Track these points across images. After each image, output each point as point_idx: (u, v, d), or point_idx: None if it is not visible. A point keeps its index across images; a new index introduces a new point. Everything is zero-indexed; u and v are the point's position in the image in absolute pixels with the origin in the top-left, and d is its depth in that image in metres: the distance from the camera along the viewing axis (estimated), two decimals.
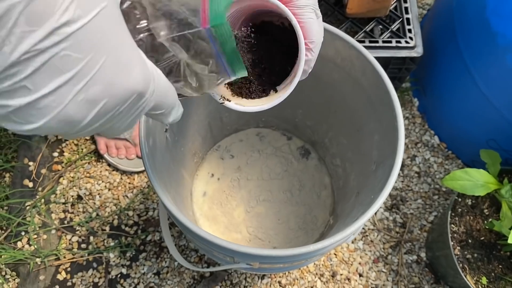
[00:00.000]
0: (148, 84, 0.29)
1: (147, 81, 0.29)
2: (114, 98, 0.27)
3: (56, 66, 0.24)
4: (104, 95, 0.27)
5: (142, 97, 0.29)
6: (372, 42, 0.85)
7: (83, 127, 0.28)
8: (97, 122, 0.28)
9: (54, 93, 0.25)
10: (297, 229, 0.89)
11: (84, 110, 0.26)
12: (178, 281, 0.94)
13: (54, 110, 0.25)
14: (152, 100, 0.30)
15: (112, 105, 0.28)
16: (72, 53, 0.24)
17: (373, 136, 0.66)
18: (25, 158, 1.02)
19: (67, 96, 0.25)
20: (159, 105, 0.32)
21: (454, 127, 0.98)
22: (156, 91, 0.30)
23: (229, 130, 0.93)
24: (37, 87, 0.24)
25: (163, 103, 0.32)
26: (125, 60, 0.27)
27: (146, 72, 0.29)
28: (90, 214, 0.99)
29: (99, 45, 0.25)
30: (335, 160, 0.86)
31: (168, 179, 0.69)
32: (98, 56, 0.25)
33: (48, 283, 0.93)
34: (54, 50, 0.24)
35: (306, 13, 0.43)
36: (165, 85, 0.32)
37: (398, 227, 0.99)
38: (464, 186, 0.77)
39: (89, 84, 0.25)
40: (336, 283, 0.94)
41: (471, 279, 0.81)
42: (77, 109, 0.26)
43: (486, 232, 0.84)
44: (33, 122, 0.25)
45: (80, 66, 0.25)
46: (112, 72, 0.26)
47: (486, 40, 0.78)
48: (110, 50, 0.26)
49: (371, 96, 0.64)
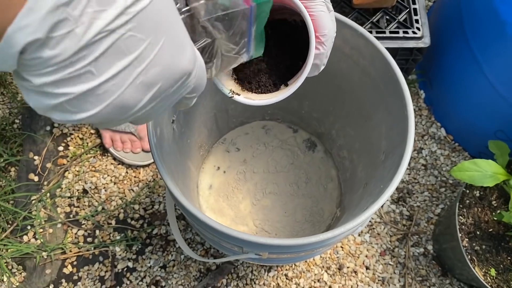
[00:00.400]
0: (194, 65, 0.29)
1: (194, 62, 0.28)
2: (168, 80, 0.27)
3: (121, 48, 0.23)
4: (160, 77, 0.26)
5: (189, 77, 0.29)
6: (379, 32, 0.84)
7: (134, 112, 0.27)
8: (148, 105, 0.27)
9: (115, 77, 0.24)
10: (304, 221, 0.88)
11: (140, 94, 0.26)
12: (185, 274, 0.93)
13: (112, 95, 0.24)
14: (193, 82, 0.30)
15: (166, 87, 0.27)
16: (136, 33, 0.23)
17: (381, 125, 0.66)
18: (30, 152, 1.02)
19: (127, 79, 0.24)
20: (196, 87, 0.31)
21: (461, 118, 0.98)
22: (198, 72, 0.30)
23: (234, 122, 0.92)
24: (101, 71, 0.23)
25: (200, 85, 0.32)
26: (180, 41, 0.26)
27: (194, 52, 0.28)
28: (95, 208, 0.99)
29: (159, 25, 0.24)
30: (342, 152, 0.86)
31: (175, 170, 0.68)
32: (159, 36, 0.25)
33: (54, 277, 0.93)
34: (121, 31, 0.23)
35: (317, 5, 0.43)
36: (204, 66, 0.31)
37: (405, 220, 0.98)
38: (472, 177, 0.77)
39: (149, 66, 0.25)
40: (343, 276, 0.93)
41: (479, 270, 0.81)
42: (134, 93, 0.25)
43: (495, 223, 0.84)
44: (89, 109, 0.24)
45: (142, 47, 0.24)
46: (170, 53, 0.26)
47: (495, 30, 0.77)
48: (168, 30, 0.25)
49: (380, 85, 0.63)
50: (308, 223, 0.88)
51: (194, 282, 0.93)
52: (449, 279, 0.94)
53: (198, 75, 0.30)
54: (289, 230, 0.87)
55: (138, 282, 0.93)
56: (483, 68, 0.83)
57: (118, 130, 0.98)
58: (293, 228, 0.88)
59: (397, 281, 0.93)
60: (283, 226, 0.88)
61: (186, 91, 0.30)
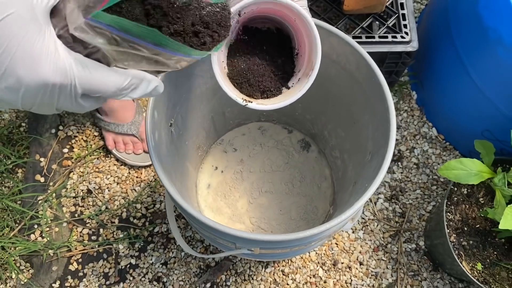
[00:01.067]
0: (65, 75, 0.33)
1: (61, 72, 0.33)
2: (29, 88, 0.32)
3: None
4: (19, 85, 0.32)
5: (64, 85, 0.34)
6: (368, 37, 0.88)
7: (24, 106, 0.34)
8: (32, 104, 0.34)
9: None
10: (299, 219, 0.92)
11: (11, 95, 0.33)
12: (185, 271, 0.97)
13: None
14: (79, 87, 0.34)
15: (32, 94, 0.33)
16: None
17: (368, 127, 0.69)
18: (36, 154, 1.06)
19: None
20: (93, 89, 0.36)
21: (451, 119, 1.01)
22: (81, 78, 0.34)
23: (231, 124, 0.96)
24: None
25: (98, 87, 0.36)
26: (33, 56, 0.32)
27: (58, 64, 0.33)
28: (99, 207, 1.03)
29: (7, 42, 0.31)
30: (335, 152, 0.89)
31: (173, 171, 0.72)
32: (7, 51, 0.31)
33: (60, 274, 0.98)
34: None
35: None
36: (94, 72, 0.35)
37: (397, 217, 1.02)
38: (458, 176, 0.80)
39: (5, 75, 0.31)
40: (337, 271, 0.97)
41: (466, 265, 0.84)
42: (6, 95, 0.32)
43: (482, 220, 0.87)
44: None
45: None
46: (21, 66, 0.31)
47: (479, 34, 0.80)
48: (17, 47, 0.31)
49: (366, 90, 0.67)
50: (302, 220, 0.92)
51: (194, 278, 0.97)
52: (440, 273, 0.97)
53: (85, 81, 0.35)
54: (284, 227, 0.91)
55: (140, 278, 0.97)
56: (469, 71, 0.86)
57: (121, 133, 1.02)
58: (288, 225, 0.91)
59: (390, 276, 0.97)
60: (279, 224, 0.91)
61: (75, 94, 0.35)
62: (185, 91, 0.70)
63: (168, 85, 0.65)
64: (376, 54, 0.87)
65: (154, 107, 0.60)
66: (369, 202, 1.03)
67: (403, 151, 1.08)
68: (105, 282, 0.97)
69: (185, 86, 0.70)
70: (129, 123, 1.02)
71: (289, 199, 0.94)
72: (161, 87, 0.42)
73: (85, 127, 1.10)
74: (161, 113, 0.63)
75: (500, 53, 0.77)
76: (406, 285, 0.96)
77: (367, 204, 1.03)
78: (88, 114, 1.11)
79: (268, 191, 0.94)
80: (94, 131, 1.10)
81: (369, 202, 1.03)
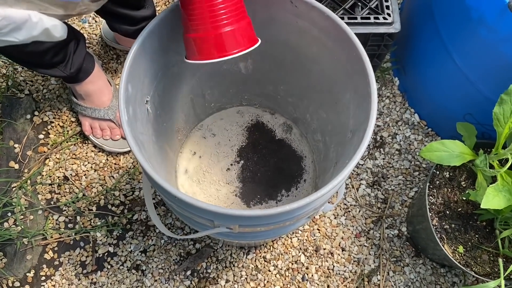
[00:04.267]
0: None
1: None
2: None
3: None
4: None
5: None
6: (350, 18, 0.86)
7: None
8: None
9: None
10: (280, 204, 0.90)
11: None
12: (165, 259, 0.95)
13: None
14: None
15: None
16: None
17: (349, 105, 0.68)
18: (10, 140, 1.02)
19: None
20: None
21: (433, 104, 1.01)
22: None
23: (212, 108, 0.94)
24: None
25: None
26: None
27: None
28: (76, 194, 1.00)
29: None
30: (316, 135, 0.88)
31: (152, 152, 0.70)
32: None
33: (35, 263, 0.94)
34: None
35: None
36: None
37: (379, 203, 1.01)
38: (440, 157, 0.79)
39: None
40: (319, 258, 0.96)
41: (448, 248, 0.84)
42: None
43: (463, 203, 0.87)
44: None
45: None
46: None
47: (461, 14, 0.80)
48: None
49: (347, 66, 0.65)
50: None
51: (174, 266, 0.95)
52: (422, 259, 0.97)
53: None
54: None
55: (119, 267, 0.95)
56: (451, 53, 0.86)
57: (97, 118, 0.99)
58: None
59: (372, 262, 0.96)
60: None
61: None
62: (161, 68, 0.68)
63: (143, 60, 0.63)
64: (359, 36, 0.85)
65: (127, 80, 0.58)
66: (351, 188, 1.02)
67: (385, 137, 1.07)
68: (82, 270, 0.94)
69: (161, 62, 0.68)
70: (105, 108, 0.99)
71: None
72: (60, 30, 0.45)
73: (62, 112, 1.07)
74: (135, 88, 0.61)
75: (482, 33, 0.76)
76: (389, 271, 0.96)
77: (349, 190, 1.02)
78: (65, 99, 1.08)
79: (249, 176, 0.92)
80: (71, 117, 1.06)
81: (351, 188, 1.02)
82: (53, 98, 1.08)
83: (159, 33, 0.63)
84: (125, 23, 0.95)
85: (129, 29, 0.97)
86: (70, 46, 0.84)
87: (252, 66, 0.83)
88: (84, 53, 0.89)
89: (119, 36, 1.06)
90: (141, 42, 0.60)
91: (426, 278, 0.95)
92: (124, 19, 0.93)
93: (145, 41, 0.61)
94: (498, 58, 0.76)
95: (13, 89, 1.08)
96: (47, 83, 1.10)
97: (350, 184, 1.02)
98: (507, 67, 0.75)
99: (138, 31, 0.94)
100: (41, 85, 1.10)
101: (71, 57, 0.85)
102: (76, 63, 0.87)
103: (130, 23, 0.95)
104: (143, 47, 0.61)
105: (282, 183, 0.91)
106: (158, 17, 0.62)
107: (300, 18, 0.67)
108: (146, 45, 0.62)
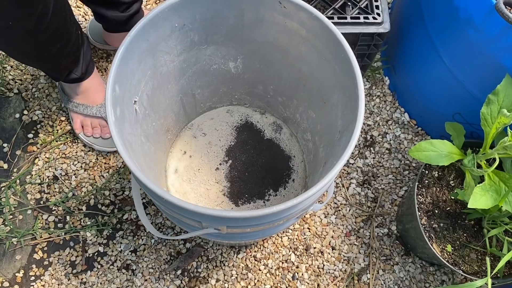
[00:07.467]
0: None
1: None
2: None
3: None
4: None
5: None
6: (341, 18, 0.86)
7: None
8: None
9: None
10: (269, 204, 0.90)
11: None
12: (155, 258, 0.95)
13: None
14: None
15: None
16: None
17: (338, 106, 0.68)
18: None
19: None
20: None
21: (423, 103, 1.01)
22: None
23: (202, 108, 0.94)
24: None
25: None
26: None
27: None
28: (66, 194, 0.99)
29: None
30: (306, 135, 0.88)
31: (141, 153, 0.70)
32: None
33: (24, 263, 0.94)
34: None
35: None
36: None
37: (369, 202, 1.02)
38: (429, 157, 0.80)
39: None
40: (309, 256, 0.96)
41: (437, 247, 0.84)
42: None
43: (452, 202, 0.87)
44: None
45: None
46: None
47: (449, 15, 0.80)
48: None
49: (335, 67, 0.66)
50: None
51: (165, 265, 0.95)
52: (412, 258, 0.97)
53: None
54: None
55: (109, 266, 0.94)
56: (440, 52, 0.86)
57: (89, 115, 0.99)
58: None
59: (362, 261, 0.97)
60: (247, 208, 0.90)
61: None
62: (149, 68, 0.68)
63: (131, 60, 0.62)
64: (349, 36, 0.86)
65: (115, 81, 0.57)
66: (341, 187, 1.02)
67: (375, 136, 1.07)
68: (72, 270, 0.94)
69: (149, 62, 0.67)
70: (98, 105, 0.98)
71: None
72: None
73: (51, 111, 1.06)
74: (123, 88, 0.61)
75: (470, 34, 0.77)
76: (378, 270, 0.96)
77: (339, 189, 1.02)
78: (55, 98, 1.07)
79: (237, 175, 0.92)
80: (61, 116, 1.06)
81: (341, 187, 1.02)
82: (43, 97, 1.07)
83: (147, 33, 0.63)
84: (116, 8, 0.91)
85: (120, 16, 0.92)
86: (81, 49, 0.88)
87: (242, 65, 0.83)
88: (90, 53, 0.92)
89: (107, 35, 1.05)
90: (129, 42, 0.60)
91: (415, 277, 0.96)
92: (115, 3, 0.90)
93: (132, 42, 0.61)
94: (485, 59, 0.76)
95: (2, 88, 1.07)
96: (36, 82, 1.09)
97: (340, 183, 1.02)
98: (494, 68, 0.75)
99: (129, 18, 0.93)
100: (30, 84, 1.09)
101: (82, 59, 0.89)
102: (84, 64, 0.91)
103: (121, 8, 0.91)
104: (130, 47, 0.60)
105: (270, 182, 0.91)
106: (145, 17, 0.61)
107: (289, 18, 0.67)
108: (133, 46, 0.61)
